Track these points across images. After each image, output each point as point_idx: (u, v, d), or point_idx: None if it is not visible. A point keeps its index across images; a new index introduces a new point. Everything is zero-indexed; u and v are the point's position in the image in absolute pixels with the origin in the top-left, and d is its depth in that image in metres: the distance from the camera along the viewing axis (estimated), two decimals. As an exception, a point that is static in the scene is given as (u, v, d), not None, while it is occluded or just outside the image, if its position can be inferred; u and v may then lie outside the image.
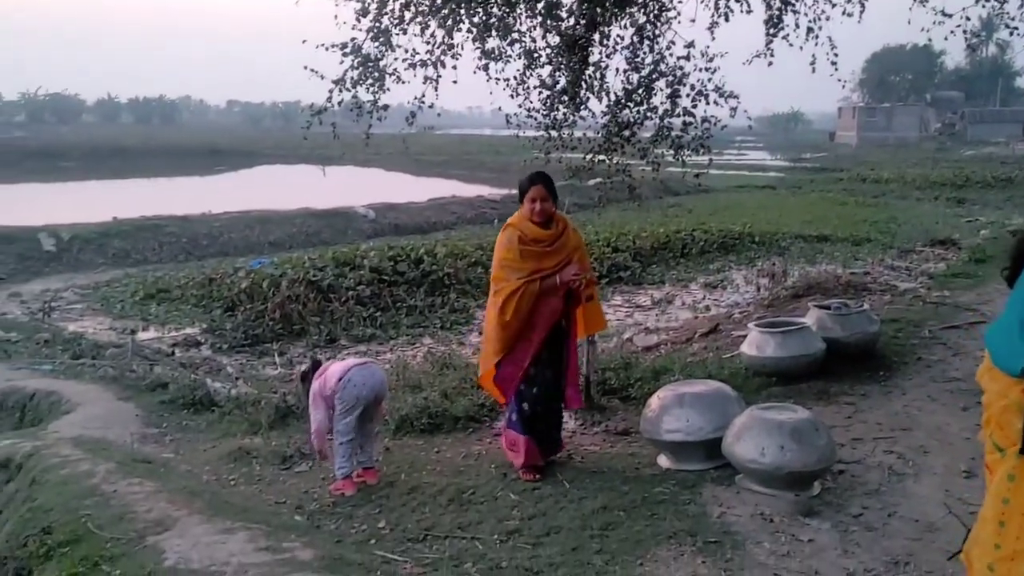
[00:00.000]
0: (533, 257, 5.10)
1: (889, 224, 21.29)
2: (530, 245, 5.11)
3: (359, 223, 22.85)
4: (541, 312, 5.12)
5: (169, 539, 4.19)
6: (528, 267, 5.08)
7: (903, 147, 64.07)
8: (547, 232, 5.13)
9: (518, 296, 5.02)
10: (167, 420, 7.58)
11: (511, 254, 5.11)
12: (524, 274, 5.06)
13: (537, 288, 5.05)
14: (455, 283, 14.03)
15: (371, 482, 5.34)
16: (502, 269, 5.15)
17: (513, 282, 5.06)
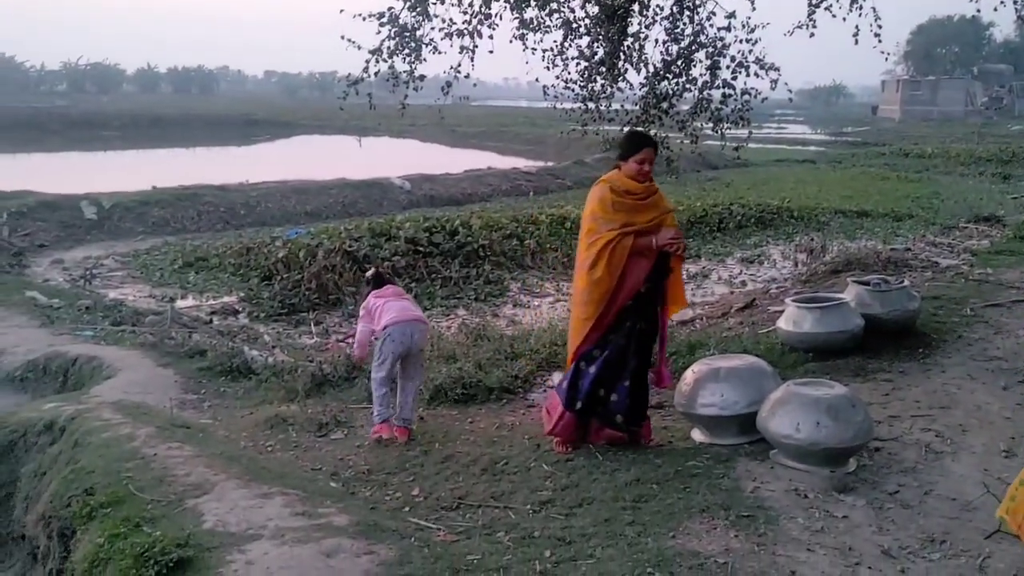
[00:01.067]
0: (625, 209, 4.87)
1: (932, 200, 20.95)
2: (622, 197, 4.89)
3: (395, 194, 22.90)
4: (630, 272, 4.87)
5: (207, 502, 4.27)
6: (620, 219, 4.84)
7: (948, 121, 62.81)
8: (641, 185, 4.92)
9: (611, 248, 4.79)
10: (205, 387, 7.69)
11: (602, 206, 4.89)
12: (616, 226, 4.82)
13: (631, 242, 4.82)
14: (490, 255, 14.04)
15: (400, 440, 5.56)
16: (594, 221, 4.92)
17: (605, 233, 4.83)
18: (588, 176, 26.91)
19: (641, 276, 4.89)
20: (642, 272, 4.89)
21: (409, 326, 5.69)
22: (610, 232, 4.82)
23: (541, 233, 15.26)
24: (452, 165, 27.90)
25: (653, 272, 4.93)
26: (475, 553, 3.86)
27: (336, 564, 3.63)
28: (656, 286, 4.99)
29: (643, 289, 4.93)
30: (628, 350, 4.97)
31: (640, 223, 4.87)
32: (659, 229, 4.90)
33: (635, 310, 4.94)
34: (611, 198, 4.88)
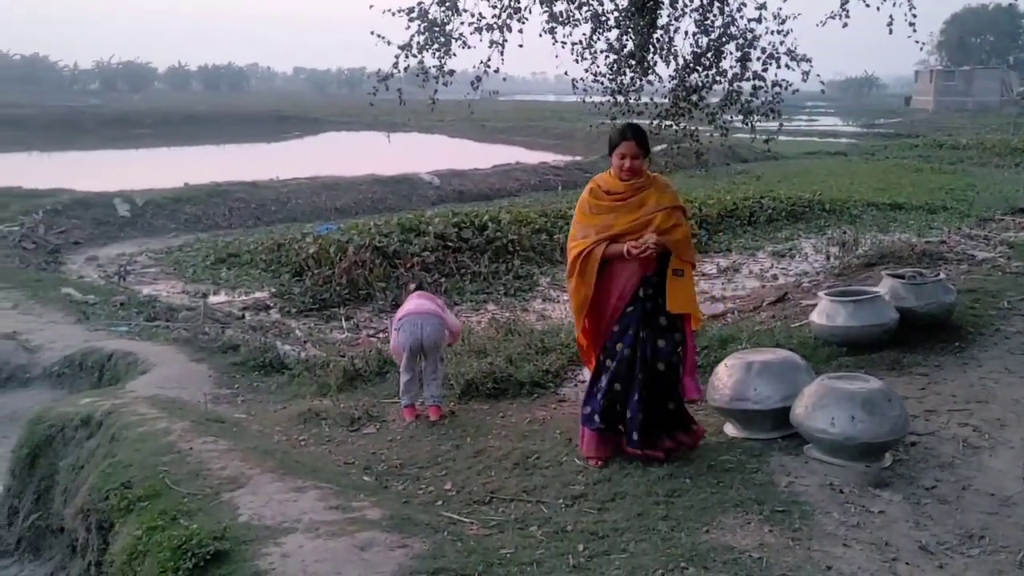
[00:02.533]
0: (603, 211, 4.60)
1: (967, 192, 20.67)
2: (600, 198, 4.63)
3: (424, 189, 22.97)
4: (614, 279, 4.62)
5: (243, 496, 4.31)
6: (595, 223, 4.58)
7: (983, 112, 61.89)
8: (623, 184, 4.58)
9: (582, 258, 4.57)
10: (239, 381, 7.77)
11: (580, 209, 4.68)
12: (592, 231, 4.56)
13: (602, 251, 4.53)
14: (519, 250, 14.04)
15: (433, 418, 5.96)
16: (574, 226, 4.71)
17: (579, 241, 4.62)
18: (617, 170, 26.88)
19: (630, 283, 4.61)
20: (630, 279, 4.61)
21: (420, 318, 5.99)
22: (583, 240, 4.60)
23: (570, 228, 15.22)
24: (481, 160, 27.93)
25: (656, 276, 4.62)
26: (508, 547, 3.87)
27: (370, 557, 3.65)
28: (662, 286, 4.64)
29: (643, 294, 4.62)
30: (634, 361, 4.65)
31: (620, 226, 4.55)
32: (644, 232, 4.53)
33: (638, 318, 4.63)
34: (588, 201, 4.67)
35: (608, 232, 4.55)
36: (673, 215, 4.59)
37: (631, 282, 4.61)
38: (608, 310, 4.68)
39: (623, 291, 4.63)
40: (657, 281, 4.61)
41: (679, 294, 4.63)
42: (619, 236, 4.53)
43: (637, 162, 4.55)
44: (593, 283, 4.59)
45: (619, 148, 4.57)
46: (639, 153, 4.54)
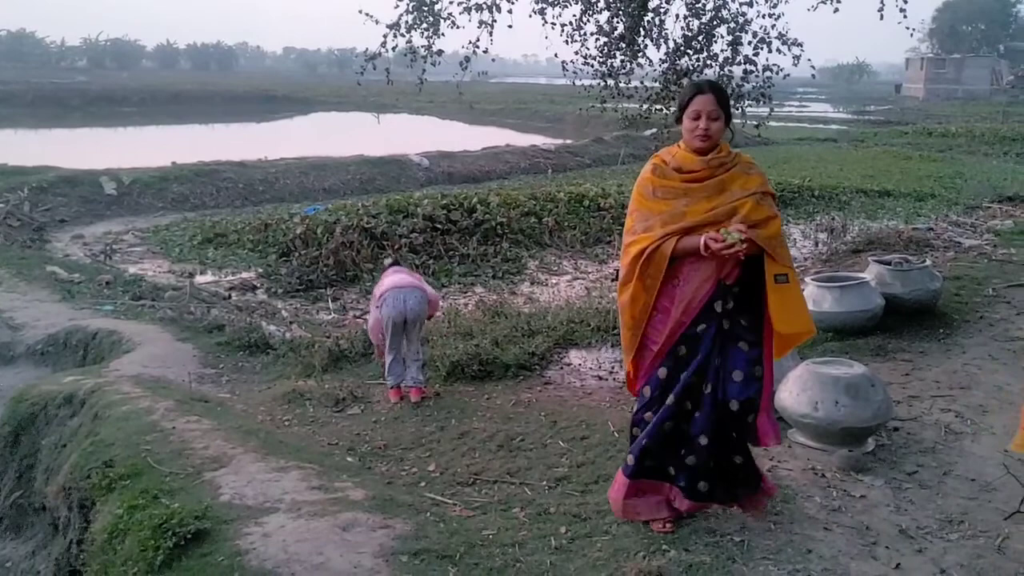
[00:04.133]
0: (672, 195, 3.48)
1: (955, 180, 20.71)
2: (668, 177, 3.50)
3: (413, 171, 22.87)
4: (683, 282, 3.50)
5: (225, 475, 4.30)
6: (661, 210, 3.47)
7: (973, 100, 61.99)
8: (698, 159, 3.46)
9: (644, 258, 3.44)
10: (223, 361, 7.73)
11: (640, 193, 3.55)
12: (657, 222, 3.45)
13: (671, 248, 3.42)
14: (508, 233, 14.00)
15: (414, 399, 5.96)
16: (630, 217, 3.59)
17: (640, 237, 3.48)
18: (607, 154, 26.84)
19: (701, 293, 3.48)
20: (701, 286, 3.48)
21: (402, 292, 6.02)
22: (646, 235, 3.47)
23: (559, 211, 15.19)
24: (470, 142, 27.81)
25: (737, 286, 3.51)
26: (490, 528, 3.87)
27: (352, 538, 3.64)
28: (746, 299, 3.53)
29: (719, 306, 3.50)
30: (699, 395, 3.54)
31: (696, 215, 3.43)
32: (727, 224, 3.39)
33: (711, 340, 3.51)
34: (650, 181, 3.53)
35: (678, 223, 3.42)
36: (764, 204, 3.46)
37: (703, 291, 3.48)
38: (667, 326, 3.53)
39: (691, 302, 3.49)
40: (739, 292, 3.50)
41: (790, 309, 3.47)
42: (693, 229, 3.41)
43: (717, 124, 3.42)
44: (656, 290, 3.49)
45: (692, 105, 3.43)
46: (718, 112, 3.42)
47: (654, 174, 3.52)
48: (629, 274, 3.52)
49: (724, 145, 3.49)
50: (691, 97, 3.45)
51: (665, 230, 3.43)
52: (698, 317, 3.49)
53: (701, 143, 3.44)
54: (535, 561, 3.55)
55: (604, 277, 11.67)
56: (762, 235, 3.39)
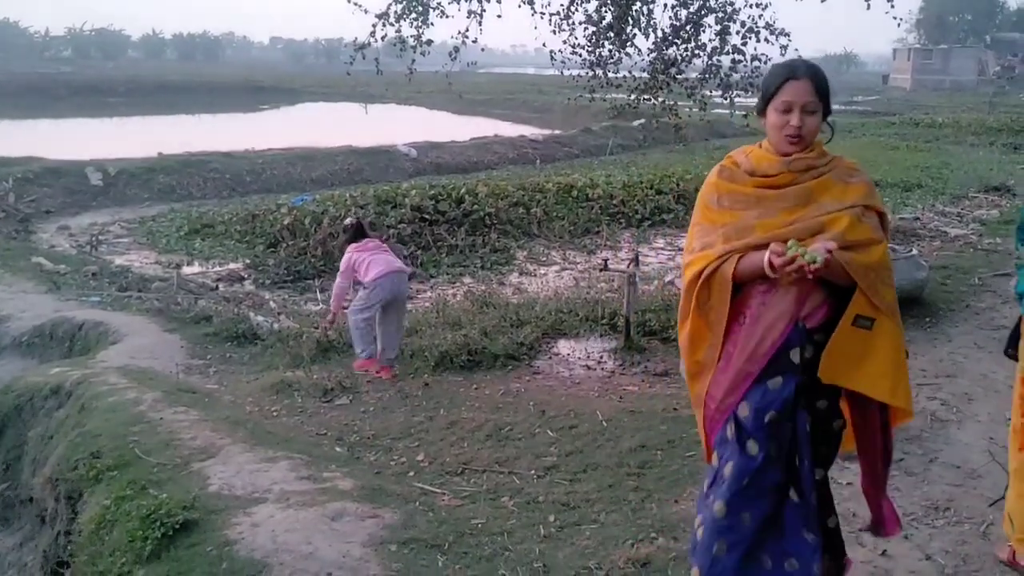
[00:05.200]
0: (741, 204, 2.66)
1: (942, 170, 20.78)
2: (739, 181, 2.69)
3: (401, 161, 22.80)
4: (753, 319, 2.62)
5: (213, 466, 4.29)
6: (725, 221, 2.66)
7: (959, 91, 62.22)
8: (779, 159, 2.63)
9: (701, 283, 2.64)
10: (211, 352, 7.70)
11: (703, 202, 2.75)
12: (719, 236, 2.64)
13: (731, 270, 2.59)
14: (496, 223, 13.97)
15: (385, 378, 6.21)
16: (690, 234, 2.79)
17: (697, 257, 2.69)
18: (596, 144, 26.81)
19: (777, 330, 2.58)
20: (778, 320, 2.59)
21: (397, 276, 6.42)
22: (703, 254, 2.66)
23: (548, 201, 15.18)
24: (458, 132, 27.74)
25: (822, 330, 2.58)
26: (479, 517, 3.89)
27: (340, 527, 3.64)
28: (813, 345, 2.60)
29: (796, 355, 2.58)
30: (778, 465, 2.62)
31: (769, 230, 2.58)
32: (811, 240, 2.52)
33: (785, 400, 2.60)
34: (717, 187, 2.72)
35: (744, 239, 2.60)
36: (867, 222, 2.59)
37: (775, 332, 2.58)
38: (728, 377, 2.65)
39: (758, 347, 2.60)
40: (824, 338, 2.56)
41: (871, 363, 2.56)
42: (764, 248, 2.53)
43: (812, 120, 2.59)
44: (724, 324, 2.63)
45: (782, 94, 2.58)
46: (816, 104, 2.58)
47: (720, 177, 2.71)
48: (686, 305, 2.71)
49: (818, 144, 2.66)
50: (781, 83, 2.58)
51: (728, 246, 2.59)
52: (769, 368, 2.57)
53: (791, 145, 2.58)
54: (524, 549, 3.57)
55: (592, 267, 11.68)
56: (857, 261, 2.48)
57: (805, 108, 2.56)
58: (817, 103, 2.58)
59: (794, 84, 2.57)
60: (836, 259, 2.43)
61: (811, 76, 2.58)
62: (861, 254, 2.53)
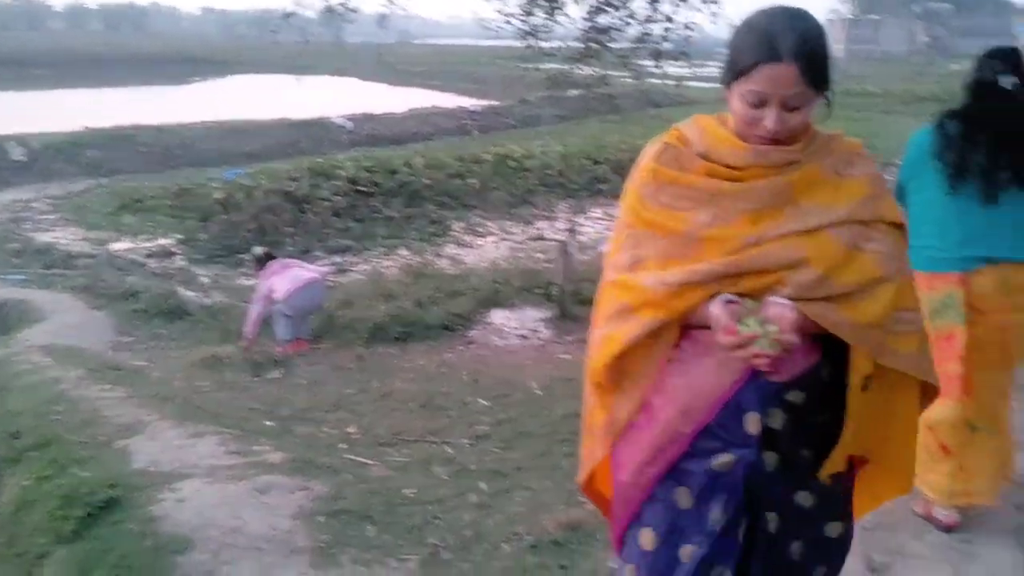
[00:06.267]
0: (688, 201, 1.77)
1: (873, 139, 21.16)
2: (686, 168, 1.81)
3: (336, 134, 22.50)
4: (692, 358, 1.77)
5: (139, 442, 4.22)
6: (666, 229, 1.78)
7: (890, 61, 63.46)
8: (746, 146, 1.75)
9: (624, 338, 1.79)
10: (139, 329, 7.54)
11: (637, 194, 1.85)
12: (652, 253, 1.78)
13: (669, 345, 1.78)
14: (433, 194, 13.88)
15: (303, 351, 6.38)
16: (615, 236, 1.94)
17: (621, 284, 1.83)
18: (532, 114, 26.74)
19: (725, 381, 1.72)
20: (727, 370, 1.72)
21: (309, 288, 6.49)
22: (632, 278, 1.80)
23: (485, 172, 15.11)
24: (395, 104, 27.42)
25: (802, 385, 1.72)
26: (410, 487, 3.88)
27: (269, 500, 3.61)
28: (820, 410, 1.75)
29: (753, 422, 1.71)
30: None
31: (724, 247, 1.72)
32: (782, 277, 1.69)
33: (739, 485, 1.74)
34: (657, 174, 1.83)
35: (690, 267, 1.73)
36: (867, 249, 1.72)
37: (721, 381, 1.74)
38: (652, 436, 1.82)
39: (694, 397, 1.76)
40: (804, 399, 1.73)
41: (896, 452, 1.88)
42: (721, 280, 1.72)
43: (798, 116, 1.72)
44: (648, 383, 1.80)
45: (751, 80, 1.70)
46: (804, 95, 1.70)
47: (660, 161, 1.81)
48: (596, 342, 1.86)
49: (806, 132, 1.77)
50: (752, 66, 1.67)
51: (665, 278, 1.72)
52: (711, 437, 1.73)
53: (761, 142, 1.73)
54: (455, 517, 3.58)
55: (530, 238, 11.69)
56: (847, 321, 1.65)
57: (787, 103, 1.67)
58: (806, 93, 1.68)
59: (772, 71, 1.65)
60: (808, 315, 1.62)
61: (800, 59, 1.64)
62: (853, 307, 1.65)
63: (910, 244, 2.38)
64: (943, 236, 3.16)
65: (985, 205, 3.11)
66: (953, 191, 3.14)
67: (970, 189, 3.12)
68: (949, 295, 3.15)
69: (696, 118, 1.91)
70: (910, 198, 3.30)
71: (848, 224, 1.70)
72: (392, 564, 3.25)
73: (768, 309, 1.65)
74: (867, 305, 1.68)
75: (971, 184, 3.12)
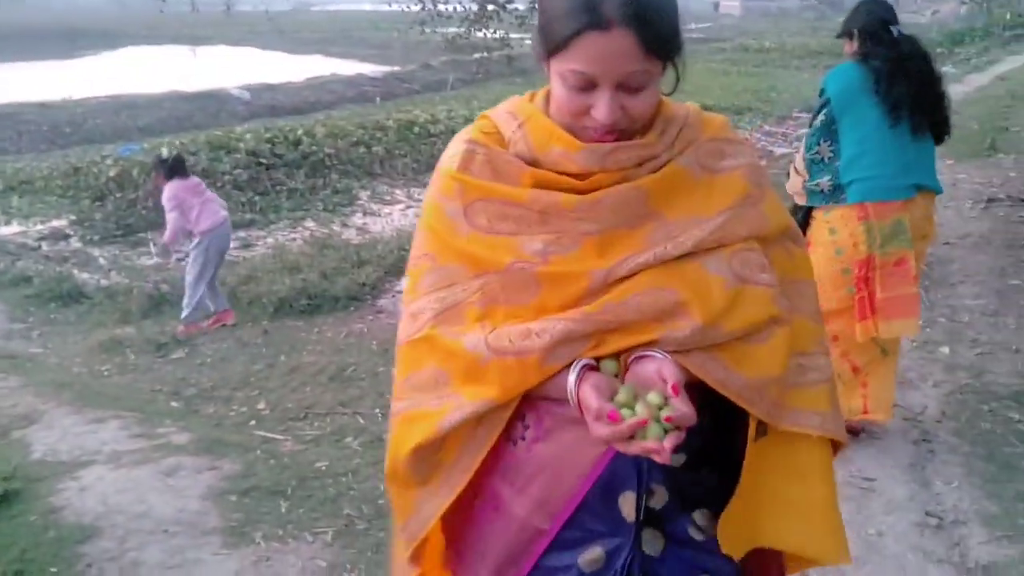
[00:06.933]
0: (511, 223, 1.30)
1: (769, 92, 21.68)
2: (503, 179, 1.33)
3: (233, 105, 21.88)
4: (545, 435, 1.32)
5: (36, 432, 4.09)
6: (480, 262, 1.30)
7: (785, 16, 64.75)
8: (581, 145, 1.28)
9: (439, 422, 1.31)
10: (34, 315, 7.25)
11: (436, 213, 1.36)
12: (470, 294, 1.30)
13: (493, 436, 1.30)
14: (337, 164, 13.64)
15: (229, 322, 6.26)
16: (412, 267, 1.41)
17: (429, 343, 1.34)
18: (435, 80, 26.48)
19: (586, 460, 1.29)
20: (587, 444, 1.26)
21: (225, 228, 6.36)
22: (442, 333, 1.32)
23: (389, 140, 14.90)
24: (294, 73, 26.80)
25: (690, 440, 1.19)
26: (323, 460, 3.85)
27: (176, 482, 3.54)
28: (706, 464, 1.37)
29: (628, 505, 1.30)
30: None
31: (565, 292, 1.26)
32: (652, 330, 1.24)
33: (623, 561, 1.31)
34: (465, 187, 1.34)
35: (524, 305, 1.27)
36: (755, 282, 1.30)
37: (584, 460, 1.30)
38: (503, 537, 1.38)
39: (553, 485, 1.32)
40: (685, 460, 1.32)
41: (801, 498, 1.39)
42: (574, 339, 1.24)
43: (641, 100, 1.27)
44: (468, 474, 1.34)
45: (576, 49, 1.22)
46: (647, 72, 1.26)
47: (464, 169, 1.36)
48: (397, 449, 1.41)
49: (660, 111, 1.37)
50: (574, 34, 1.22)
51: (495, 343, 1.26)
52: (578, 526, 1.33)
53: (593, 137, 1.30)
54: (369, 487, 3.57)
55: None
56: (738, 376, 1.27)
57: (625, 84, 1.24)
58: (649, 68, 1.25)
59: (599, 41, 1.20)
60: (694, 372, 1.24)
61: (636, 22, 1.20)
62: (742, 358, 1.26)
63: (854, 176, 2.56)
64: (885, 165, 3.33)
65: (914, 137, 3.33)
66: (894, 124, 3.31)
67: (904, 123, 3.31)
68: (897, 221, 3.33)
69: (512, 103, 1.42)
70: (846, 132, 3.42)
71: (729, 246, 1.28)
72: (307, 538, 3.23)
73: (639, 370, 1.21)
74: (760, 354, 1.26)
75: (905, 118, 3.31)
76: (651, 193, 1.28)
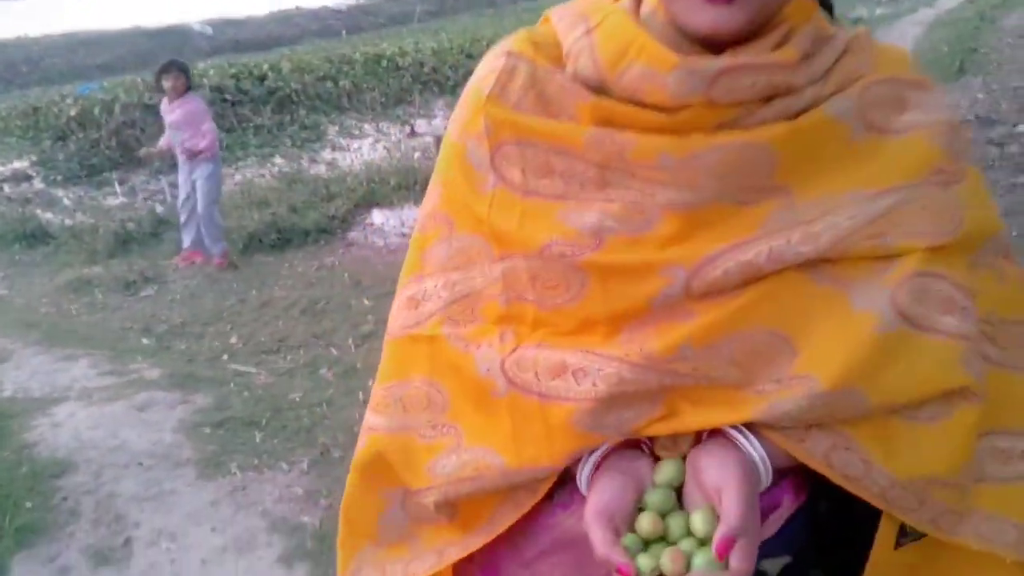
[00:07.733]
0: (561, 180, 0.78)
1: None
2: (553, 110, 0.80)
3: (196, 41, 21.41)
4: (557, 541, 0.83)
5: (5, 371, 4.06)
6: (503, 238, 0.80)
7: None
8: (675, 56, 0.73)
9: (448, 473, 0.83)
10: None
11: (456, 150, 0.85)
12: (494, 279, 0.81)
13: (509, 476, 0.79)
14: (304, 99, 13.43)
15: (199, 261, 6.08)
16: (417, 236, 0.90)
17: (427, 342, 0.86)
18: (402, 11, 25.99)
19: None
20: None
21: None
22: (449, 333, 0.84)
23: (356, 73, 14.66)
24: (256, 6, 26.19)
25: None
26: (297, 391, 3.86)
27: (149, 416, 3.54)
28: None
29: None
30: None
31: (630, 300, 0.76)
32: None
33: None
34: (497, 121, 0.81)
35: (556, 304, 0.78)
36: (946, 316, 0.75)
37: None
38: None
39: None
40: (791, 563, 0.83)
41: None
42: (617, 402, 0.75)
43: None
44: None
45: None
46: None
47: (501, 97, 0.82)
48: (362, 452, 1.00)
49: (813, 10, 0.79)
50: None
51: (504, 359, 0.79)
52: None
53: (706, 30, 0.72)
54: (344, 416, 3.58)
55: (407, 136, 11.49)
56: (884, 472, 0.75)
57: None
58: None
59: None
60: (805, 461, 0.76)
61: None
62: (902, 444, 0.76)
63: None
64: None
65: None
66: None
67: None
68: None
69: (571, 6, 0.86)
70: None
71: (892, 258, 0.76)
72: (282, 467, 3.24)
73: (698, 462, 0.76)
74: (927, 440, 0.76)
75: None
76: (783, 153, 0.75)
